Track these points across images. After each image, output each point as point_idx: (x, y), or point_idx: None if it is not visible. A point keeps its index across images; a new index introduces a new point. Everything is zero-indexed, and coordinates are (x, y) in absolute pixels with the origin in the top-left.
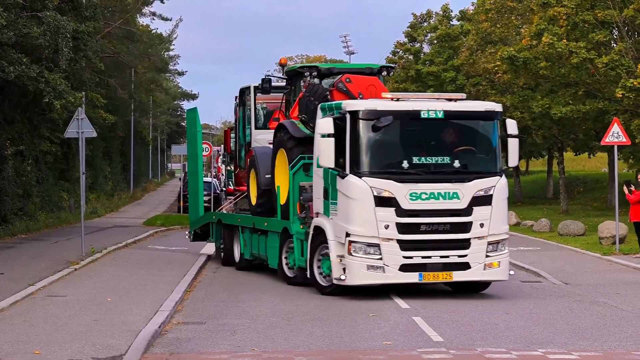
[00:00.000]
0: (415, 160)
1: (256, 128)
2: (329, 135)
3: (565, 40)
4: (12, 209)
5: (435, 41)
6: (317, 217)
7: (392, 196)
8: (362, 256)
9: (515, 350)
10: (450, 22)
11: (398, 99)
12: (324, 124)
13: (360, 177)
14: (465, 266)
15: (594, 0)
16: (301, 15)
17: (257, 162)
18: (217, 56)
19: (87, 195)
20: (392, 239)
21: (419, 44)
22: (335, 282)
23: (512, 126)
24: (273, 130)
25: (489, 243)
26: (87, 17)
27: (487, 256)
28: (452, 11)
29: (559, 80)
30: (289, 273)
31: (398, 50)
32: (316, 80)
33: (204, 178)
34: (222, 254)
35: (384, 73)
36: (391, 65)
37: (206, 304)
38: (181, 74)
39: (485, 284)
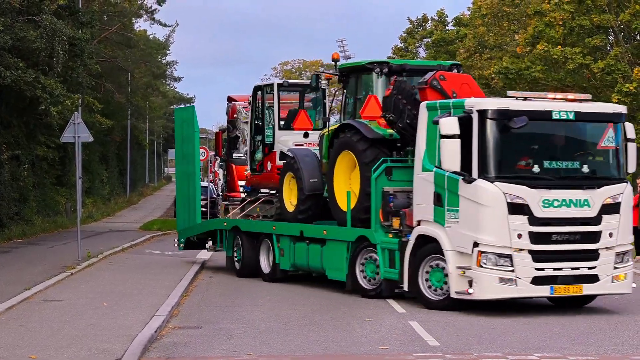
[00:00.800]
0: (546, 164)
1: (280, 129)
2: (453, 136)
3: (560, 47)
4: (8, 214)
5: (431, 46)
6: (419, 225)
7: (525, 203)
8: (493, 268)
9: (511, 354)
10: (446, 27)
11: (525, 98)
12: (449, 124)
13: (491, 181)
14: (594, 278)
15: (590, 4)
16: (297, 19)
17: (299, 165)
18: (213, 59)
19: (83, 199)
20: (524, 249)
21: (415, 49)
22: (455, 295)
23: (630, 130)
24: (297, 132)
25: (617, 254)
26: (84, 22)
27: (614, 268)
28: (447, 16)
29: (555, 85)
30: (367, 285)
31: (394, 56)
32: (381, 78)
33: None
34: (239, 264)
35: (455, 71)
36: (459, 63)
37: (202, 308)
38: (177, 79)
39: (591, 298)
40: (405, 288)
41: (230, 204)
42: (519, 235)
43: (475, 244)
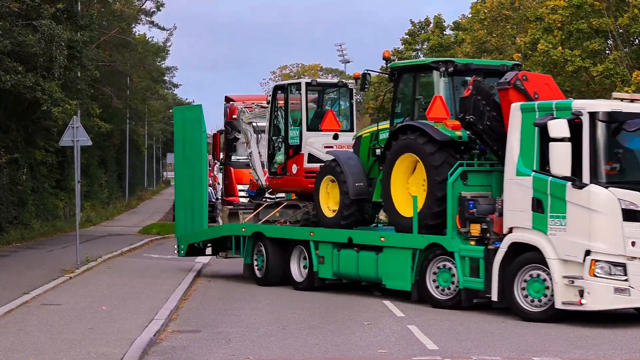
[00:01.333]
0: None
1: (308, 130)
2: (562, 139)
3: (560, 48)
4: (7, 218)
5: (427, 52)
6: (511, 232)
7: (638, 209)
8: (607, 277)
9: (510, 358)
10: (443, 32)
11: (632, 100)
12: (559, 126)
13: (604, 187)
14: None
15: (588, 9)
16: (295, 24)
17: (343, 168)
18: (211, 64)
19: (82, 203)
20: (637, 258)
21: (414, 53)
22: (561, 306)
23: None
24: (325, 133)
25: None
26: (82, 26)
27: None
28: (444, 21)
29: None
30: (439, 295)
31: (394, 57)
32: (444, 78)
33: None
34: (261, 272)
35: (516, 71)
36: (519, 63)
37: (201, 312)
38: (176, 85)
39: None
40: (494, 298)
41: (239, 209)
42: (633, 243)
43: (587, 252)
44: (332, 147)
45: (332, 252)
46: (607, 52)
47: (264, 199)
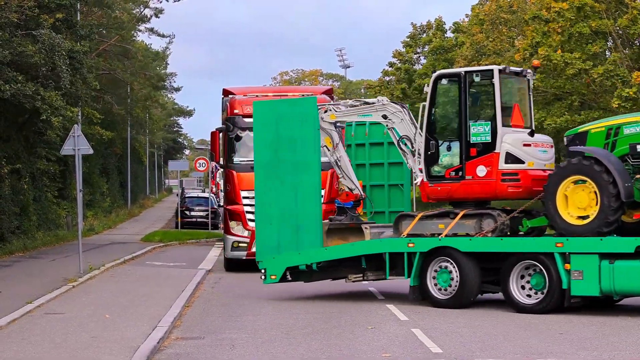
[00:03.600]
0: None
1: (503, 125)
2: None
3: (560, 52)
4: (9, 228)
5: (428, 55)
6: None
7: None
8: None
9: None
10: (445, 35)
11: None
12: None
13: None
14: None
15: (588, 11)
16: (294, 30)
17: (608, 167)
18: (210, 71)
19: (84, 212)
20: None
21: (415, 56)
22: None
23: None
24: (520, 129)
25: None
26: (82, 36)
27: None
28: (445, 24)
29: (554, 92)
30: None
31: (395, 60)
32: None
33: (201, 194)
34: (446, 294)
35: None
36: None
37: (205, 319)
38: (177, 89)
39: None
40: None
41: (339, 224)
42: None
43: None
44: (529, 145)
45: (598, 264)
46: (607, 53)
47: (401, 212)
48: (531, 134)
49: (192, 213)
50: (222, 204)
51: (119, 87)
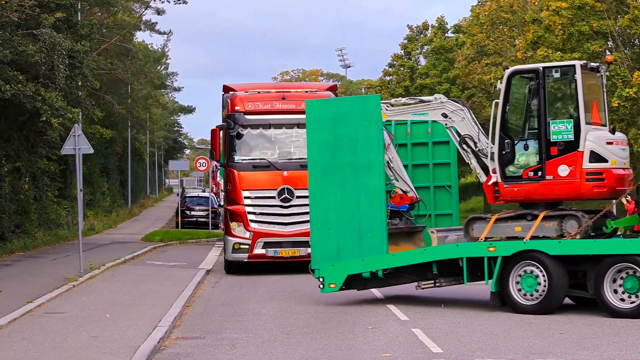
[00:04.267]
0: None
1: (586, 123)
2: None
3: (560, 53)
4: (9, 227)
5: (430, 54)
6: None
7: None
8: None
9: None
10: (445, 35)
11: None
12: None
13: None
14: None
15: (589, 10)
16: (294, 29)
17: None
18: (210, 71)
19: (84, 211)
20: None
21: (414, 57)
22: None
23: None
24: (600, 127)
25: None
26: (83, 35)
27: None
28: (447, 24)
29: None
30: None
31: (395, 62)
32: None
33: (201, 193)
34: (531, 300)
35: None
36: None
37: (205, 318)
38: (178, 89)
39: None
40: None
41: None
42: None
43: None
44: (612, 142)
45: None
46: (608, 53)
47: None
48: (612, 131)
49: (193, 213)
50: (222, 203)
51: (119, 87)
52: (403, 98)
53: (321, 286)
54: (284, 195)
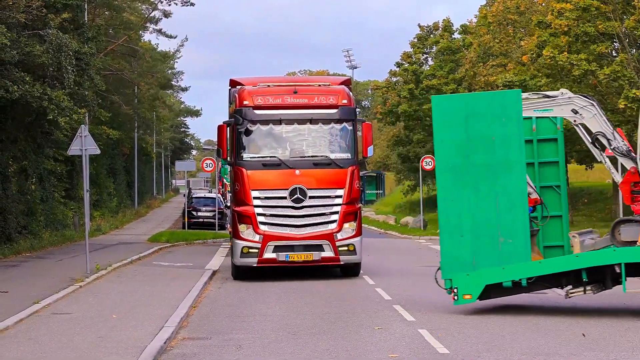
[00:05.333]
0: None
1: None
2: None
3: (566, 53)
4: (16, 228)
5: (436, 55)
6: None
7: None
8: None
9: None
10: (452, 35)
11: None
12: None
13: None
14: None
15: (594, 12)
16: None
17: None
18: (216, 72)
19: (91, 212)
20: None
21: (423, 57)
22: None
23: None
24: None
25: None
26: (90, 38)
27: None
28: (453, 25)
29: None
30: None
31: (404, 62)
32: None
33: (208, 194)
34: None
35: None
36: None
37: (211, 319)
38: (184, 89)
39: None
40: None
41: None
42: None
43: None
44: None
45: None
46: (614, 54)
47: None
48: None
49: (199, 213)
50: (229, 204)
51: (126, 87)
52: (524, 93)
53: (455, 298)
54: (296, 196)
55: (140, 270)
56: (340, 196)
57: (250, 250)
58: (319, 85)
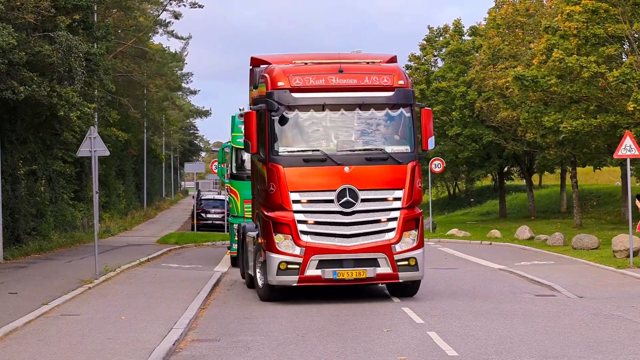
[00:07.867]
0: None
1: None
2: None
3: (575, 55)
4: (25, 229)
5: (445, 57)
6: None
7: None
8: None
9: None
10: (462, 37)
11: None
12: None
13: None
14: None
15: (603, 14)
16: (308, 33)
17: None
18: (225, 72)
19: (100, 214)
20: None
21: (433, 58)
22: None
23: None
24: None
25: None
26: (99, 37)
27: None
28: (463, 27)
29: (570, 96)
30: None
31: (412, 63)
32: None
33: (216, 196)
34: None
35: None
36: None
37: (220, 321)
38: (193, 92)
39: None
40: None
41: None
42: None
43: None
44: None
45: None
46: (623, 56)
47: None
48: None
49: (208, 215)
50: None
51: (135, 89)
52: None
53: None
54: (345, 198)
55: (149, 272)
56: (399, 199)
57: (290, 266)
58: (368, 63)
